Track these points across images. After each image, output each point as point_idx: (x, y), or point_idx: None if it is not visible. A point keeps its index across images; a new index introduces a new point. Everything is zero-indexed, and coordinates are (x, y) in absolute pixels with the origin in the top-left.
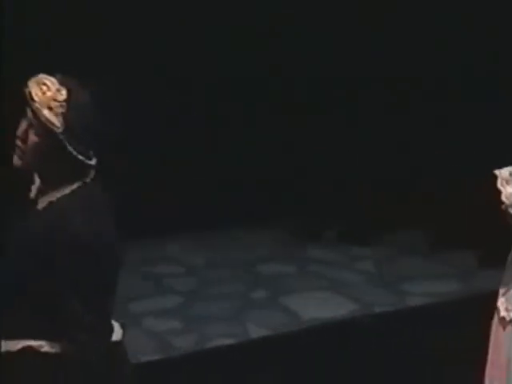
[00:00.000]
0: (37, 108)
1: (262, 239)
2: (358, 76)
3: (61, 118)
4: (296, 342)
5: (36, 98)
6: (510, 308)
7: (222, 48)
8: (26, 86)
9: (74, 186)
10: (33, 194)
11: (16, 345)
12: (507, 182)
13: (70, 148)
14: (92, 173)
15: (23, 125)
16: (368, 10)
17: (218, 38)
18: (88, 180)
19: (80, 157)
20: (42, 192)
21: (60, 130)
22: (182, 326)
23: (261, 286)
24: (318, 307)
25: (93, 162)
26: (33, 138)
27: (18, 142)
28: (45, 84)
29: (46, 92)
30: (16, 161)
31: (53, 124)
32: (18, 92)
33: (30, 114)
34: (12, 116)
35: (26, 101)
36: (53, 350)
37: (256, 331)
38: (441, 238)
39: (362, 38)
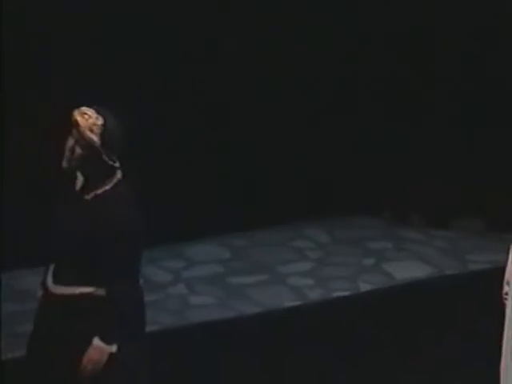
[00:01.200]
0: (82, 131)
1: (368, 224)
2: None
3: (98, 137)
4: (390, 296)
5: (81, 124)
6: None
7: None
8: (72, 115)
9: (113, 183)
10: (78, 188)
11: (75, 290)
12: None
13: (104, 157)
14: (119, 173)
15: (70, 141)
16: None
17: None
18: (120, 178)
19: (110, 162)
20: (85, 187)
21: (98, 145)
22: (314, 282)
23: (369, 256)
24: (407, 271)
25: (117, 164)
26: (78, 150)
27: (67, 153)
28: (86, 113)
29: (88, 119)
30: (64, 165)
31: (93, 141)
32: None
33: (75, 134)
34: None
35: (72, 125)
36: (101, 294)
37: (365, 287)
38: (497, 223)
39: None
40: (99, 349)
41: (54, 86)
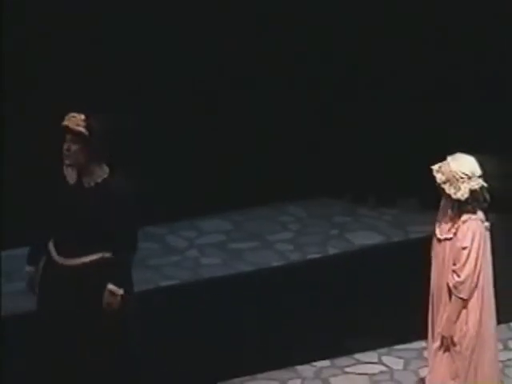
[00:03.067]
0: (71, 127)
1: (335, 203)
2: None
3: (85, 129)
4: (351, 257)
5: (69, 124)
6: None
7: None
8: (63, 123)
9: (107, 173)
10: (72, 180)
11: (92, 257)
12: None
13: (95, 145)
14: (107, 167)
15: (65, 144)
16: None
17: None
18: (114, 168)
19: (99, 155)
20: (83, 179)
21: (87, 134)
22: (294, 248)
23: (335, 228)
24: (363, 239)
25: (107, 160)
26: (73, 147)
27: (66, 153)
28: (72, 116)
29: (73, 119)
30: (67, 163)
31: (81, 132)
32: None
33: (68, 137)
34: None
35: (64, 132)
36: (110, 256)
37: (332, 251)
38: (430, 201)
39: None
40: (113, 291)
41: (53, 85)
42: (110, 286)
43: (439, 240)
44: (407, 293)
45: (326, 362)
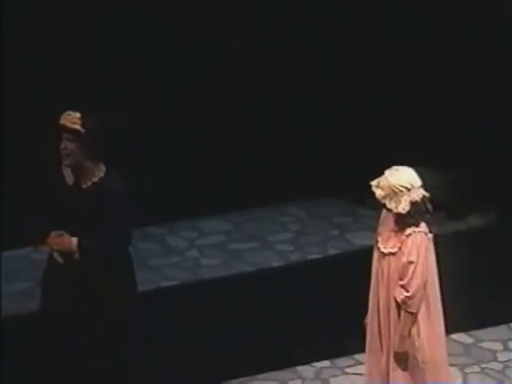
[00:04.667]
0: (68, 126)
1: (335, 204)
2: None
3: (81, 126)
4: (351, 257)
5: (65, 123)
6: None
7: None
8: (59, 122)
9: (104, 172)
10: (70, 181)
11: (91, 256)
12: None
13: (92, 143)
14: (103, 166)
15: (63, 143)
16: None
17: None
18: (109, 168)
19: (95, 154)
20: (80, 179)
21: (83, 132)
22: (294, 248)
23: (335, 228)
24: (362, 239)
25: (103, 158)
26: (70, 145)
27: (63, 152)
28: (68, 115)
29: (69, 117)
30: (65, 163)
31: (77, 130)
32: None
33: (64, 135)
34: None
35: (61, 131)
36: (109, 255)
37: (332, 251)
38: None
39: None
40: (71, 242)
41: (53, 85)
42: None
43: (383, 254)
44: None
45: (326, 363)
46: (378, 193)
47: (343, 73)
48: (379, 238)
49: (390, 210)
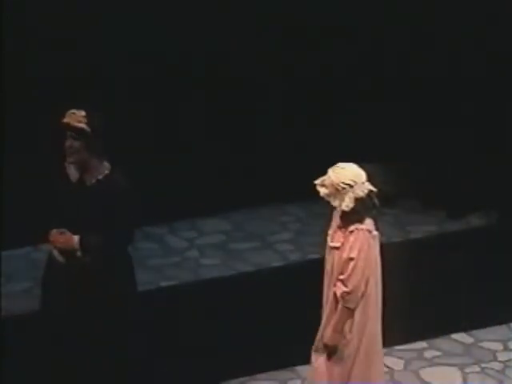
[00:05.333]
0: (73, 124)
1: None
2: None
3: (86, 125)
4: None
5: (70, 121)
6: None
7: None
8: (63, 121)
9: (108, 169)
10: (74, 179)
11: (94, 255)
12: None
13: (97, 142)
14: (107, 164)
15: (67, 142)
16: None
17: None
18: (113, 166)
19: (100, 152)
20: (83, 176)
21: (88, 131)
22: (294, 248)
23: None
24: None
25: (106, 156)
26: (75, 144)
27: (68, 150)
28: (72, 113)
29: (74, 116)
30: (70, 161)
31: (83, 128)
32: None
33: (69, 134)
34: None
35: (65, 129)
36: (111, 255)
37: None
38: (430, 202)
39: None
40: (73, 240)
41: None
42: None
43: (330, 248)
44: (407, 293)
45: None
46: (323, 191)
47: (343, 72)
48: (329, 232)
49: (335, 208)
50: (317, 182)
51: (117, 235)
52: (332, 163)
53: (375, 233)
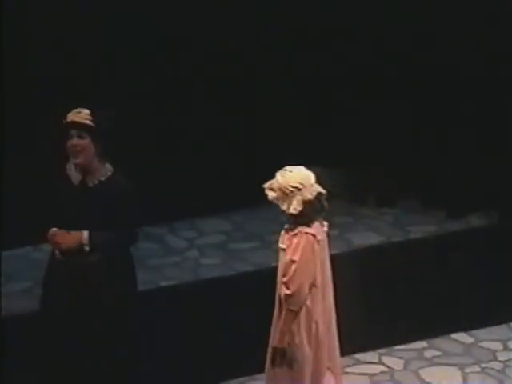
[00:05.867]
0: (78, 121)
1: (334, 203)
2: None
3: (92, 122)
4: (351, 257)
5: (76, 119)
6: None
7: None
8: (66, 119)
9: (111, 171)
10: (76, 181)
11: (98, 256)
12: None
13: (100, 147)
14: (109, 165)
15: (71, 141)
16: None
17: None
18: (116, 167)
19: (102, 153)
20: (86, 177)
21: (94, 128)
22: None
23: (335, 228)
24: (363, 239)
25: (109, 157)
26: (81, 142)
27: (72, 150)
28: (77, 112)
29: (79, 114)
30: (77, 160)
31: (89, 125)
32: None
33: (73, 132)
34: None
35: (69, 128)
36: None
37: (331, 251)
38: (430, 202)
39: None
40: (82, 234)
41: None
42: (85, 233)
43: (279, 248)
44: (407, 293)
45: None
46: (271, 195)
47: (343, 71)
48: (281, 232)
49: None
50: (265, 185)
51: (121, 237)
52: (332, 163)
53: (321, 236)
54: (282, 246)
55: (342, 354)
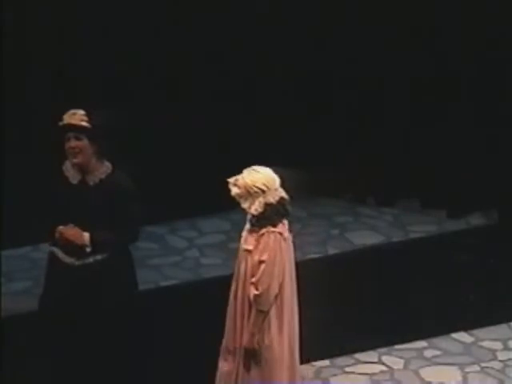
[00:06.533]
0: (74, 123)
1: (335, 203)
2: None
3: (87, 123)
4: (351, 257)
5: (72, 121)
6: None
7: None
8: (62, 122)
9: (110, 169)
10: (76, 180)
11: (102, 256)
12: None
13: (99, 139)
14: (109, 163)
15: (68, 143)
16: None
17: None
18: (114, 165)
19: (100, 152)
20: (85, 177)
21: (90, 128)
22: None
23: (335, 227)
24: (363, 239)
25: (108, 155)
26: (78, 143)
27: (71, 151)
28: (73, 113)
29: (75, 115)
30: (76, 160)
31: (84, 126)
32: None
33: (70, 134)
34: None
35: (66, 130)
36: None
37: (332, 251)
38: (430, 202)
39: None
40: (83, 235)
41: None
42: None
43: (243, 250)
44: (407, 293)
45: (325, 362)
46: (234, 191)
47: (343, 72)
48: (242, 234)
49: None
50: (230, 180)
51: (122, 235)
52: (333, 162)
53: (287, 235)
54: (247, 247)
55: (343, 353)
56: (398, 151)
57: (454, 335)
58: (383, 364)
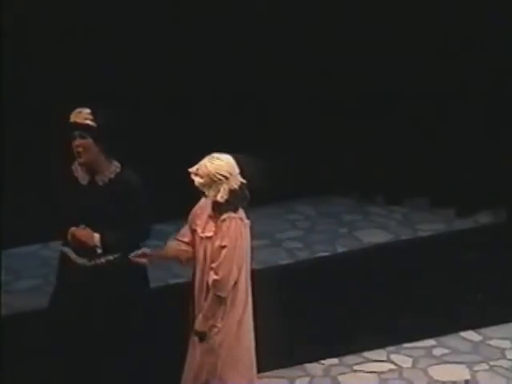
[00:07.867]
0: (80, 122)
1: (344, 201)
2: None
3: (93, 121)
4: (359, 255)
5: (77, 119)
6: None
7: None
8: (69, 120)
9: (119, 168)
10: (85, 181)
11: (113, 255)
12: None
13: (103, 146)
14: (117, 162)
15: (75, 142)
16: None
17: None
18: (123, 164)
19: (108, 151)
20: (95, 177)
21: (95, 127)
22: (303, 246)
23: (343, 226)
24: (372, 237)
25: (116, 154)
26: (84, 142)
27: (77, 150)
28: (78, 112)
29: (80, 114)
30: (80, 161)
31: (90, 125)
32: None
33: (76, 133)
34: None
35: (72, 129)
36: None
37: (340, 249)
38: (439, 201)
39: None
40: (93, 236)
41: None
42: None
43: (201, 238)
44: (416, 291)
45: (334, 360)
46: (197, 180)
47: (349, 71)
48: (198, 222)
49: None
50: (191, 170)
51: (134, 233)
52: (342, 161)
53: (247, 221)
54: (206, 234)
55: (351, 351)
56: (408, 150)
57: (463, 334)
58: (392, 362)
